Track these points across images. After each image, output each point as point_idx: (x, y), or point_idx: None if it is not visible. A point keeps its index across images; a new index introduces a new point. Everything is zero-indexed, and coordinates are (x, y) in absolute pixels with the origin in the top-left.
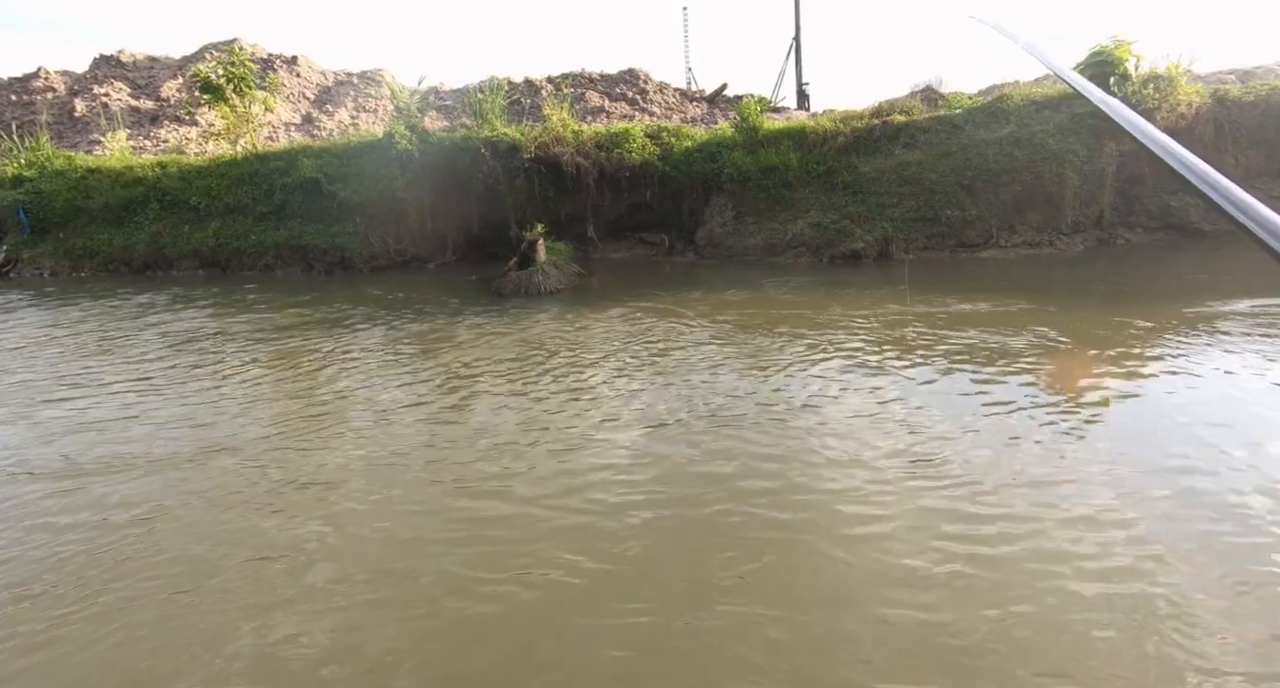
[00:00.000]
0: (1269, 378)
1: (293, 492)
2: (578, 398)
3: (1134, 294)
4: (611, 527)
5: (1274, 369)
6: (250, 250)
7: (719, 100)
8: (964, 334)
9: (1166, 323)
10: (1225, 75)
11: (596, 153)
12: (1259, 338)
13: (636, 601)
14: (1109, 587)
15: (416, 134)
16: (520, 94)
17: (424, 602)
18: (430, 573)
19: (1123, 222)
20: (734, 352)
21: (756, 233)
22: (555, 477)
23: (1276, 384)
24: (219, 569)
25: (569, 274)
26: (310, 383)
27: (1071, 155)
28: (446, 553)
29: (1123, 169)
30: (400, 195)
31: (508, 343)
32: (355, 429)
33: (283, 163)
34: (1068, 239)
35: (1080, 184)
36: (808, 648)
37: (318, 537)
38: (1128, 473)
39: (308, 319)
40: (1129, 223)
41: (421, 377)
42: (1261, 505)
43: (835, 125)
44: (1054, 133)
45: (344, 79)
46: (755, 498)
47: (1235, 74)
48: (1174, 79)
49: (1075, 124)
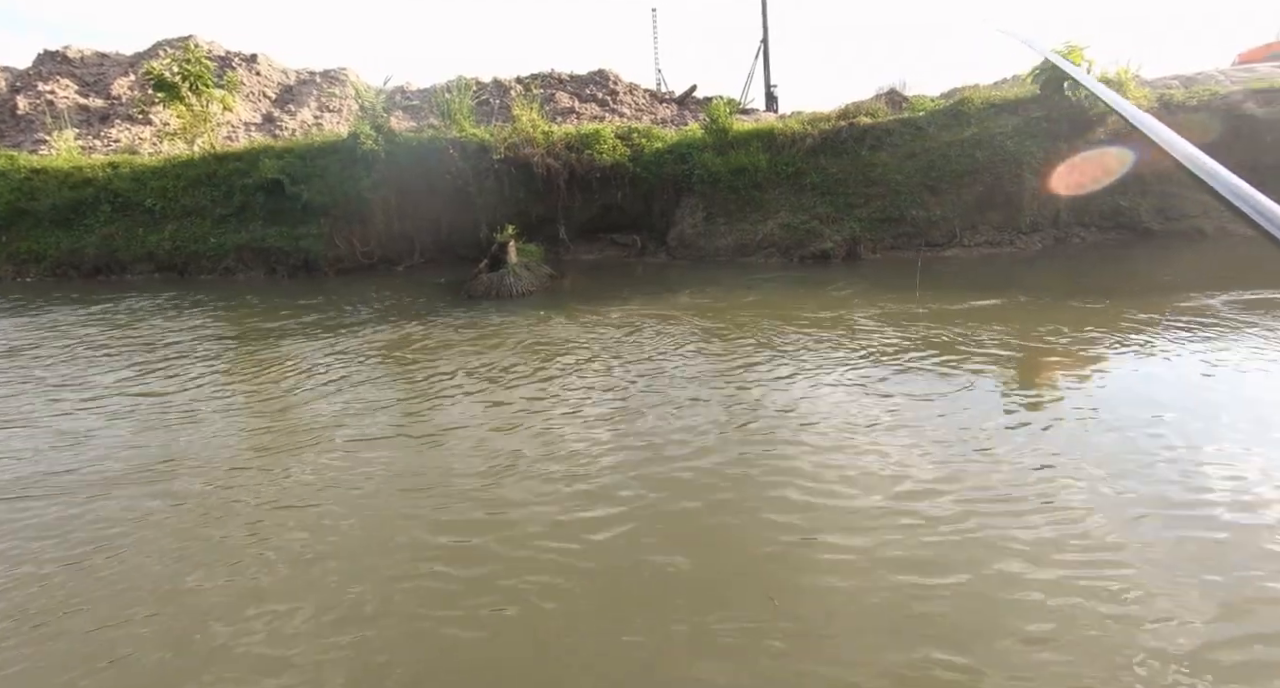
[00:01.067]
0: (1216, 367)
1: (256, 517)
2: (555, 406)
3: (1090, 291)
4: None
5: (1224, 359)
6: (209, 253)
7: (689, 102)
8: (940, 329)
9: (1122, 319)
10: (1170, 81)
11: (567, 154)
12: (1208, 329)
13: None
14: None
15: (382, 134)
16: (489, 94)
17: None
18: (397, 614)
19: (1078, 221)
20: (709, 351)
21: (728, 234)
22: (536, 501)
23: (1207, 375)
24: (150, 619)
25: (541, 276)
26: (273, 393)
27: (1029, 156)
28: (417, 595)
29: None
30: (366, 196)
31: (479, 347)
32: (321, 445)
33: (243, 163)
34: (1027, 238)
35: (1038, 185)
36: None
37: (275, 571)
38: (1087, 458)
39: (270, 324)
40: (1084, 222)
41: (391, 383)
42: (1197, 475)
43: (803, 127)
44: (1012, 135)
45: (306, 78)
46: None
47: (1179, 79)
48: (1123, 83)
49: (1031, 127)
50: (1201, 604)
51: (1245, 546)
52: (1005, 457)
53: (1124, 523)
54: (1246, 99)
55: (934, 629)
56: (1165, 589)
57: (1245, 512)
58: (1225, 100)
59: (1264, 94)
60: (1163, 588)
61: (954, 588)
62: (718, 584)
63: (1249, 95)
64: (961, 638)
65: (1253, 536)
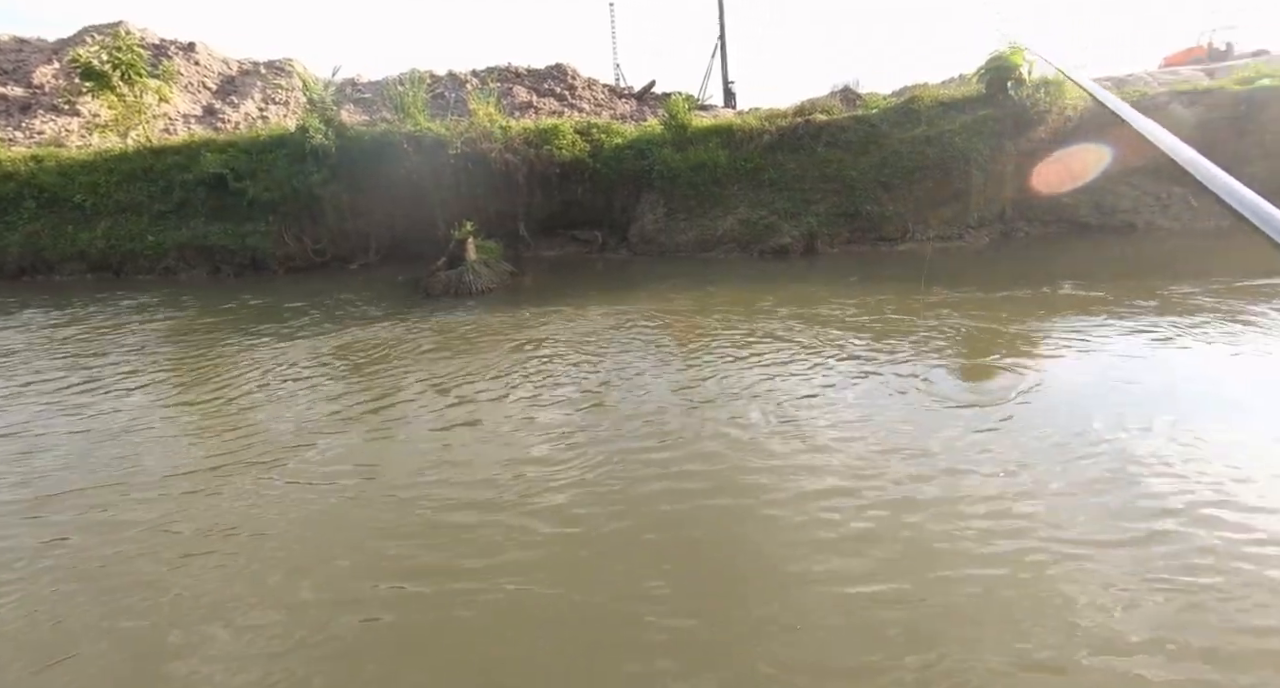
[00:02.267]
0: (1150, 350)
1: (194, 544)
2: (514, 411)
3: (1036, 281)
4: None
5: (1161, 343)
6: (147, 252)
7: (647, 97)
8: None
9: (1064, 308)
10: (1105, 81)
11: (526, 149)
12: (1139, 316)
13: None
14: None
15: (333, 128)
16: (444, 88)
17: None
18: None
19: (1022, 216)
20: (670, 346)
21: (688, 229)
22: (499, 511)
23: (1124, 357)
24: (93, 654)
25: (500, 273)
26: (219, 402)
27: (976, 154)
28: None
29: (1020, 167)
30: (317, 192)
31: (438, 348)
32: (269, 459)
33: (182, 158)
34: (975, 232)
35: (984, 181)
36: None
37: (217, 608)
38: (1030, 434)
39: (217, 326)
40: (1027, 217)
41: (346, 390)
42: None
43: (761, 124)
44: (960, 132)
45: (250, 69)
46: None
47: (1112, 80)
48: (1062, 84)
49: (978, 125)
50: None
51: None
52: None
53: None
54: (1172, 100)
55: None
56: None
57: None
58: (1153, 101)
59: (1187, 95)
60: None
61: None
62: (692, 560)
63: (1174, 96)
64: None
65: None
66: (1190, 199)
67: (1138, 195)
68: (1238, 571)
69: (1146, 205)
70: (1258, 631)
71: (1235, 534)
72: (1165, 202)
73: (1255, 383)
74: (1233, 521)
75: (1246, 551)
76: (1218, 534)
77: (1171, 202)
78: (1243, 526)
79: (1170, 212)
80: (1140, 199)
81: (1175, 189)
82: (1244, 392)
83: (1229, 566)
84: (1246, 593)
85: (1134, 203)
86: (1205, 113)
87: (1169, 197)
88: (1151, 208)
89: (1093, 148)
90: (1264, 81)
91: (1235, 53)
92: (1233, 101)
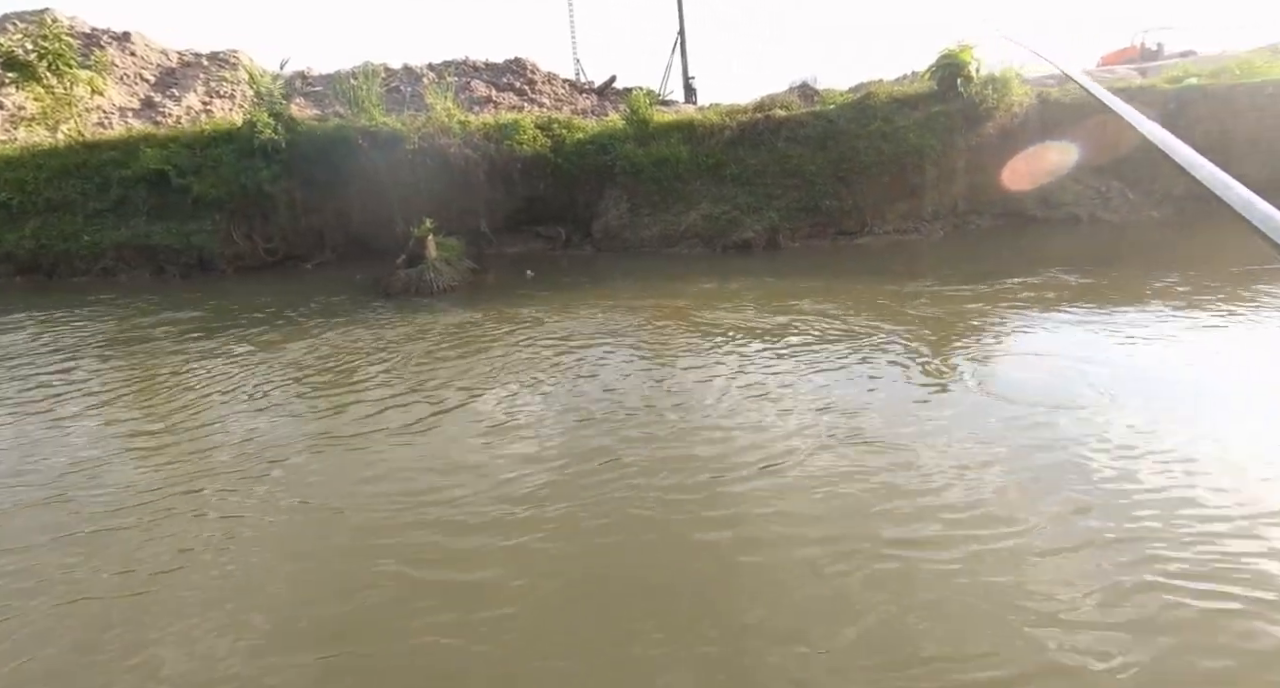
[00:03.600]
0: (1092, 336)
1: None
2: (482, 414)
3: (987, 274)
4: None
5: (1100, 330)
6: (83, 253)
7: (608, 92)
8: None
9: (1015, 297)
10: (1047, 80)
11: (486, 144)
12: (1083, 305)
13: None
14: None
15: (283, 123)
16: (399, 82)
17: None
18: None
19: (973, 209)
20: (636, 344)
21: (652, 224)
22: (470, 534)
23: (1080, 343)
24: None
25: (463, 271)
26: (161, 417)
27: (930, 149)
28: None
29: (971, 162)
30: (267, 190)
31: (398, 348)
32: (219, 485)
33: (120, 153)
34: (930, 225)
35: (938, 176)
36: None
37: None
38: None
39: (159, 332)
40: (978, 210)
41: (299, 399)
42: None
43: (722, 119)
44: (914, 128)
45: (191, 60)
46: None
47: (1054, 79)
48: (1008, 81)
49: (931, 121)
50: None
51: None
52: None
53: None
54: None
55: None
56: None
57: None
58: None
59: (1122, 93)
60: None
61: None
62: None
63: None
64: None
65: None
66: (1128, 193)
67: (1080, 189)
68: (1191, 548)
69: (1088, 199)
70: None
71: (1182, 511)
72: (1106, 195)
73: (1199, 365)
74: (1180, 500)
75: (1196, 530)
76: (1179, 520)
77: (1111, 195)
78: (1193, 503)
79: (1110, 205)
80: (1082, 193)
81: (1114, 183)
82: (1193, 375)
83: (1191, 551)
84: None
85: (1077, 196)
86: (1138, 109)
87: (1109, 190)
88: (1093, 201)
89: (1064, 143)
90: (1191, 81)
91: (1165, 53)
92: (1163, 100)
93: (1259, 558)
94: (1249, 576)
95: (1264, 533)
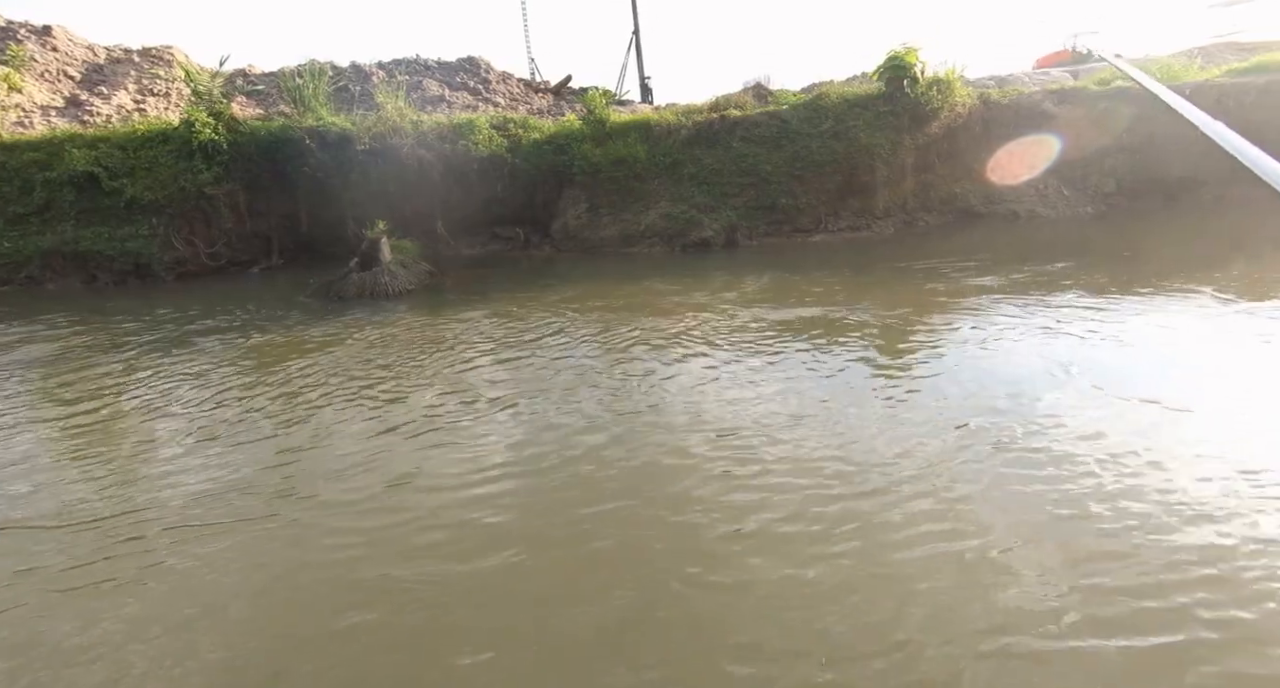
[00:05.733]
0: (1034, 331)
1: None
2: (440, 424)
3: (935, 268)
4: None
5: (1039, 326)
6: (3, 261)
7: (564, 92)
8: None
9: (962, 292)
10: (987, 81)
11: (440, 145)
12: (1027, 302)
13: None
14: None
15: (223, 122)
16: (347, 80)
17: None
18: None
19: (922, 207)
20: (594, 342)
21: (611, 224)
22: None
23: (1032, 331)
24: None
25: (419, 273)
26: (90, 442)
27: (879, 148)
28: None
29: (919, 161)
30: (209, 192)
31: (353, 355)
32: (150, 532)
33: (42, 154)
34: (881, 223)
35: (887, 174)
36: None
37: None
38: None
39: (91, 344)
40: (927, 207)
41: (249, 415)
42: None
43: (678, 119)
44: (864, 128)
45: (121, 57)
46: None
47: (994, 80)
48: (951, 83)
49: (880, 121)
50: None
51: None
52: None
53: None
54: (1045, 99)
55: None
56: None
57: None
58: (1029, 99)
59: (1057, 94)
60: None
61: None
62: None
63: (1046, 96)
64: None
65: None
66: (1064, 190)
67: (1020, 187)
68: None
69: (1028, 196)
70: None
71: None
72: (1043, 192)
73: (1139, 352)
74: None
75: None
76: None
77: (1048, 192)
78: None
79: (1047, 201)
80: (1022, 190)
81: (1051, 180)
82: (1132, 361)
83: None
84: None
85: (1017, 193)
86: (1071, 110)
87: (1046, 187)
88: (1032, 198)
89: (1043, 139)
90: (1118, 83)
91: (1095, 56)
92: (1093, 100)
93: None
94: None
95: (1161, 476)
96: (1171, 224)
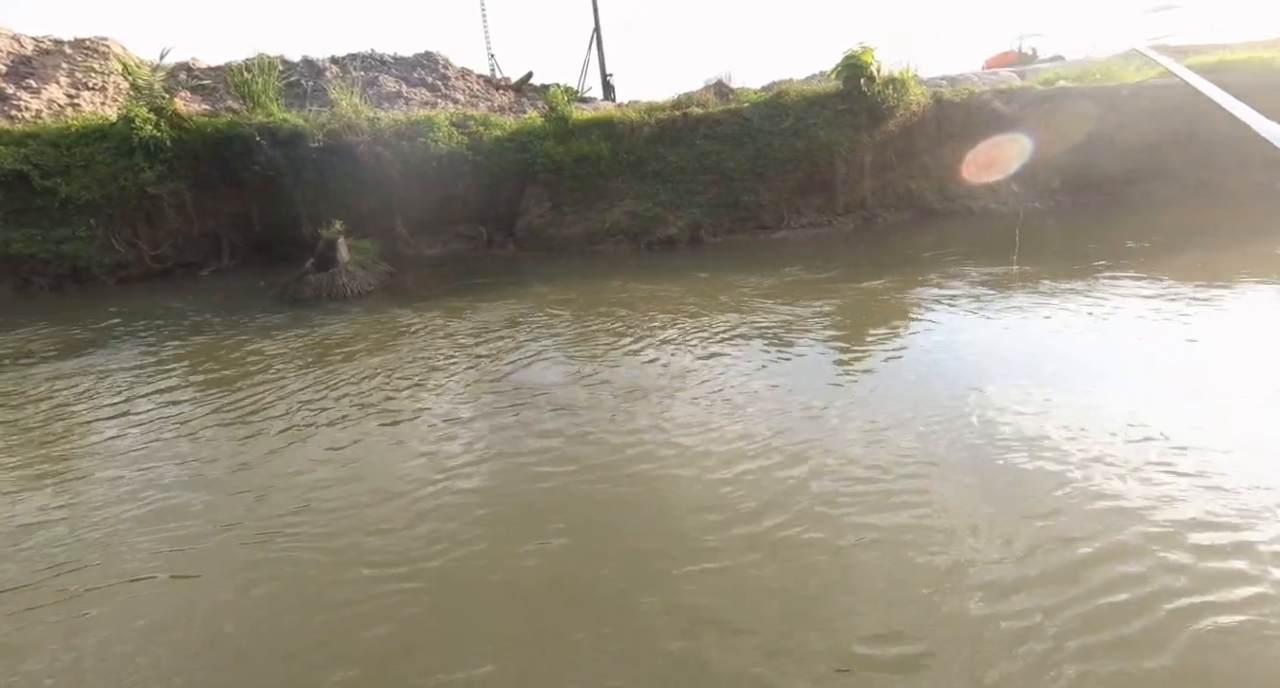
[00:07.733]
0: (992, 322)
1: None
2: (403, 431)
3: (894, 264)
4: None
5: (994, 317)
6: None
7: (525, 89)
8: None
9: (921, 284)
10: (939, 81)
11: (398, 142)
12: (982, 296)
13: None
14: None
15: (166, 118)
16: (299, 75)
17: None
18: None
19: (880, 203)
20: (563, 345)
21: (575, 223)
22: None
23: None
24: None
25: (379, 273)
26: (21, 464)
27: (839, 146)
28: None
29: (877, 159)
30: (152, 191)
31: (310, 360)
32: (87, 565)
33: None
34: (842, 219)
35: (847, 171)
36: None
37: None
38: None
39: (20, 354)
40: (885, 204)
41: (200, 430)
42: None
43: (641, 116)
44: (824, 126)
45: (51, 48)
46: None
47: (946, 79)
48: (906, 82)
49: (839, 119)
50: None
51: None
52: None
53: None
54: (994, 98)
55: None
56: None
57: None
58: (980, 99)
59: (1005, 94)
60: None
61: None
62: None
63: (995, 95)
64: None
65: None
66: (1014, 186)
67: (973, 184)
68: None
69: (982, 193)
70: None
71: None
72: (996, 189)
73: (1085, 345)
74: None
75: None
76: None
77: (1000, 189)
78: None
79: (999, 197)
80: (976, 187)
81: (1000, 177)
82: (1082, 353)
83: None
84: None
85: (970, 190)
86: (1019, 109)
87: (998, 184)
88: (985, 195)
89: (1016, 138)
90: (1061, 83)
91: (1039, 57)
92: (1038, 100)
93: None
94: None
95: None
96: (1107, 217)
